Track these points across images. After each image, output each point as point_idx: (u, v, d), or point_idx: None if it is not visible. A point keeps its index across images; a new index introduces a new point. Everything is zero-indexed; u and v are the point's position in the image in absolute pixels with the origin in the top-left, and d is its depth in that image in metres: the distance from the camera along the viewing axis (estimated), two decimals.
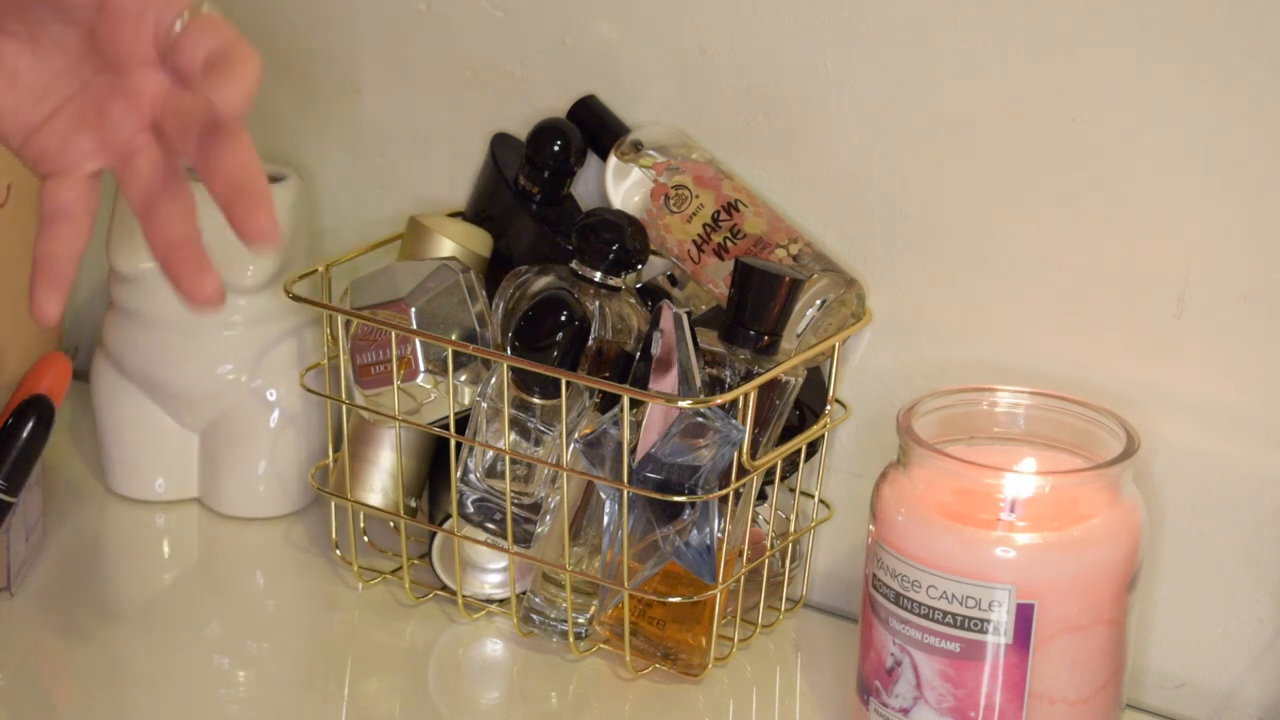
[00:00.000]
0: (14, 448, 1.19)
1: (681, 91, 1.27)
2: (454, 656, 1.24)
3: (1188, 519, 1.17)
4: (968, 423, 1.14)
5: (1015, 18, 1.15)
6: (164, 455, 1.37)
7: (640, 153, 1.25)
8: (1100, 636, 1.07)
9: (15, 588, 1.27)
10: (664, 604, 1.19)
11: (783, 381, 1.18)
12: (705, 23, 1.25)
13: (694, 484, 1.15)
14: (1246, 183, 1.11)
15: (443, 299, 1.22)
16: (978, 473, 1.08)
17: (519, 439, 1.21)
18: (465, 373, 1.22)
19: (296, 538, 1.36)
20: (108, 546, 1.35)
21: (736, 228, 1.22)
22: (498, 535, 1.23)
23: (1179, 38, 1.10)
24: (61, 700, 1.21)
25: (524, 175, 1.28)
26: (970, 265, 1.20)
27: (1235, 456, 1.14)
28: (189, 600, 1.31)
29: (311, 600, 1.31)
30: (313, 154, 1.43)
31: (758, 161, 1.25)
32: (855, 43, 1.20)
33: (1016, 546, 1.06)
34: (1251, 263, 1.12)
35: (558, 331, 1.17)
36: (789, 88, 1.23)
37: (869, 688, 1.11)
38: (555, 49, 1.31)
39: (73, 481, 1.41)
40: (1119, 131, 1.14)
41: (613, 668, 1.22)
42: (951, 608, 1.06)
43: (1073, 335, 1.18)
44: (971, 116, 1.18)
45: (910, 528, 1.08)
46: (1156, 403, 1.15)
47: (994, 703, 1.07)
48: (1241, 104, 1.10)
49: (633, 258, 1.21)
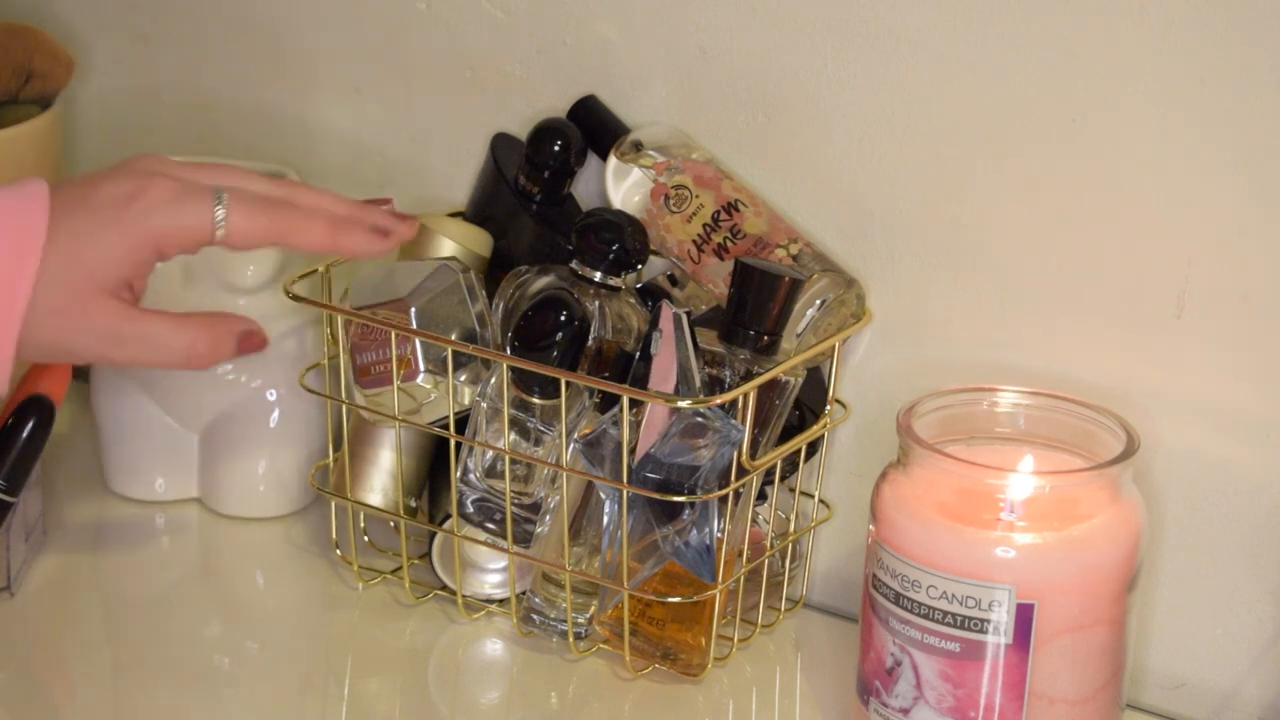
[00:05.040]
0: (14, 448, 1.19)
1: (681, 91, 1.27)
2: (454, 656, 1.24)
3: (1188, 519, 1.17)
4: (968, 423, 1.14)
5: (1015, 18, 1.15)
6: (164, 455, 1.37)
7: (640, 153, 1.25)
8: (1100, 636, 1.07)
9: (15, 588, 1.27)
10: (664, 604, 1.19)
11: (782, 381, 1.18)
12: (705, 23, 1.25)
13: (694, 484, 1.15)
14: (1246, 183, 1.11)
15: (443, 299, 1.22)
16: (978, 473, 1.08)
17: (519, 439, 1.20)
18: (465, 373, 1.22)
19: (296, 538, 1.36)
20: (108, 546, 1.35)
21: (736, 228, 1.22)
22: (498, 535, 1.23)
23: (1179, 38, 1.10)
24: (61, 700, 1.21)
25: (524, 175, 1.28)
26: (970, 265, 1.20)
27: (1235, 456, 1.14)
28: (189, 600, 1.31)
29: (311, 600, 1.31)
30: (313, 154, 1.43)
31: (758, 161, 1.25)
32: (855, 43, 1.20)
33: (1016, 546, 1.06)
34: (1251, 263, 1.12)
35: (557, 331, 1.17)
36: (789, 88, 1.23)
37: (869, 688, 1.11)
38: (555, 49, 1.31)
39: (73, 481, 1.41)
40: (1119, 131, 1.14)
41: (613, 668, 1.22)
42: (951, 608, 1.06)
43: (1073, 335, 1.18)
44: (971, 116, 1.18)
45: (910, 528, 1.08)
46: (1156, 403, 1.15)
47: (994, 703, 1.07)
48: (1241, 104, 1.10)
49: (633, 258, 1.21)
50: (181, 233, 1.09)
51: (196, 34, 1.46)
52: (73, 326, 1.08)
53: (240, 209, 1.10)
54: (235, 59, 1.45)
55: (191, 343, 1.11)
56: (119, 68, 1.50)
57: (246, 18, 1.43)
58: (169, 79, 1.48)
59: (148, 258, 1.09)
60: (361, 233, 1.14)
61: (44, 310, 1.07)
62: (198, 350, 1.11)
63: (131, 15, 1.48)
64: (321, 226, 1.13)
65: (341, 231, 1.13)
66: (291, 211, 1.12)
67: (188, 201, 1.09)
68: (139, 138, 1.49)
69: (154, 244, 1.09)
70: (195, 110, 1.48)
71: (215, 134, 1.47)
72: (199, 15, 1.45)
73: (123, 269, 1.09)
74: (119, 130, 1.51)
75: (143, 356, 1.11)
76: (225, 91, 1.46)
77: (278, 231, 1.11)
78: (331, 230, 1.13)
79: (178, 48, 1.47)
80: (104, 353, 1.10)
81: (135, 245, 1.09)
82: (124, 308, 1.09)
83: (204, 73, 1.46)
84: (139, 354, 1.10)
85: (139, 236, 1.09)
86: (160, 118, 1.50)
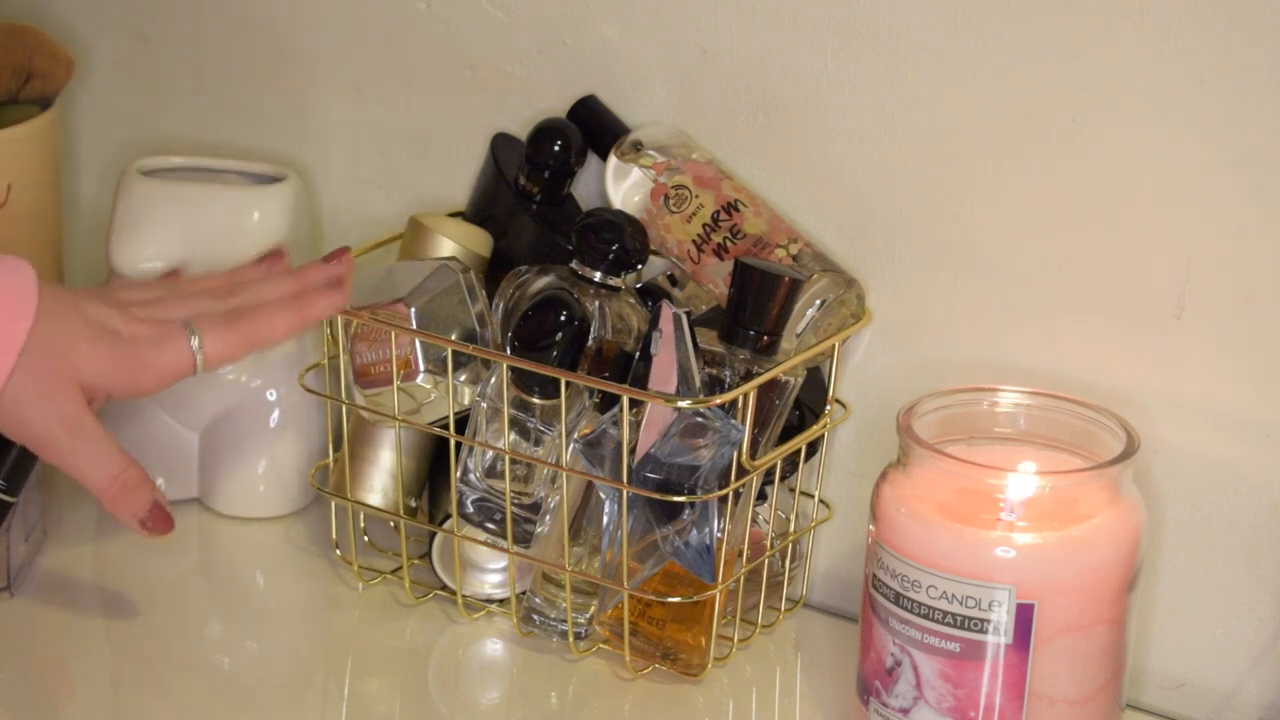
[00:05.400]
0: (14, 448, 1.19)
1: (681, 91, 1.27)
2: (454, 656, 1.24)
3: (1188, 519, 1.17)
4: (968, 423, 1.14)
5: (1015, 18, 1.15)
6: (164, 455, 1.37)
7: (640, 153, 1.25)
8: (1100, 636, 1.07)
9: (15, 588, 1.27)
10: (664, 604, 1.19)
11: (782, 381, 1.18)
12: (705, 23, 1.25)
13: (694, 484, 1.15)
14: (1246, 183, 1.11)
15: (443, 299, 1.22)
16: (978, 473, 1.08)
17: (519, 439, 1.20)
18: (465, 373, 1.22)
19: (296, 538, 1.36)
20: (108, 546, 1.35)
21: (736, 228, 1.22)
22: (498, 535, 1.23)
23: (1179, 38, 1.10)
24: (61, 700, 1.21)
25: (524, 175, 1.28)
26: (970, 265, 1.20)
27: (1235, 456, 1.14)
28: (189, 600, 1.31)
29: (311, 600, 1.31)
30: (313, 154, 1.43)
31: (758, 161, 1.25)
32: (855, 43, 1.20)
33: (1016, 546, 1.06)
34: (1251, 263, 1.12)
35: (557, 331, 1.17)
36: (789, 88, 1.23)
37: (869, 688, 1.11)
38: (555, 49, 1.31)
39: (73, 482, 1.40)
40: (1119, 132, 1.14)
41: (612, 668, 1.22)
42: (951, 608, 1.06)
43: (1073, 335, 1.18)
44: (971, 116, 1.18)
45: (910, 528, 1.08)
46: (1156, 403, 1.15)
47: (994, 703, 1.07)
48: (1241, 104, 1.10)
49: (633, 258, 1.21)
50: (163, 372, 1.16)
51: (196, 34, 1.46)
52: (40, 396, 1.13)
53: (212, 336, 1.17)
54: (235, 59, 1.45)
55: (121, 473, 1.16)
56: (119, 68, 1.50)
57: (246, 18, 1.43)
58: (169, 79, 1.48)
59: (120, 387, 1.16)
60: (321, 297, 1.21)
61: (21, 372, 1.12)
62: (122, 481, 1.16)
63: (131, 15, 1.48)
64: (284, 317, 1.20)
65: (304, 308, 1.20)
66: (253, 318, 1.19)
67: (167, 344, 1.16)
68: (139, 138, 1.49)
69: (133, 376, 1.16)
70: (195, 110, 1.48)
71: (215, 134, 1.47)
72: (199, 15, 1.45)
73: (101, 380, 1.15)
74: (119, 130, 1.51)
75: (80, 459, 1.16)
76: (225, 91, 1.46)
77: (248, 344, 1.19)
78: (294, 314, 1.20)
79: (178, 48, 1.47)
80: (54, 437, 1.15)
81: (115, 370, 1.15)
82: (87, 406, 1.15)
83: (204, 73, 1.46)
84: (80, 454, 1.15)
85: (121, 365, 1.15)
86: (160, 118, 1.50)
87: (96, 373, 1.14)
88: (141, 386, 1.16)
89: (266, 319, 1.20)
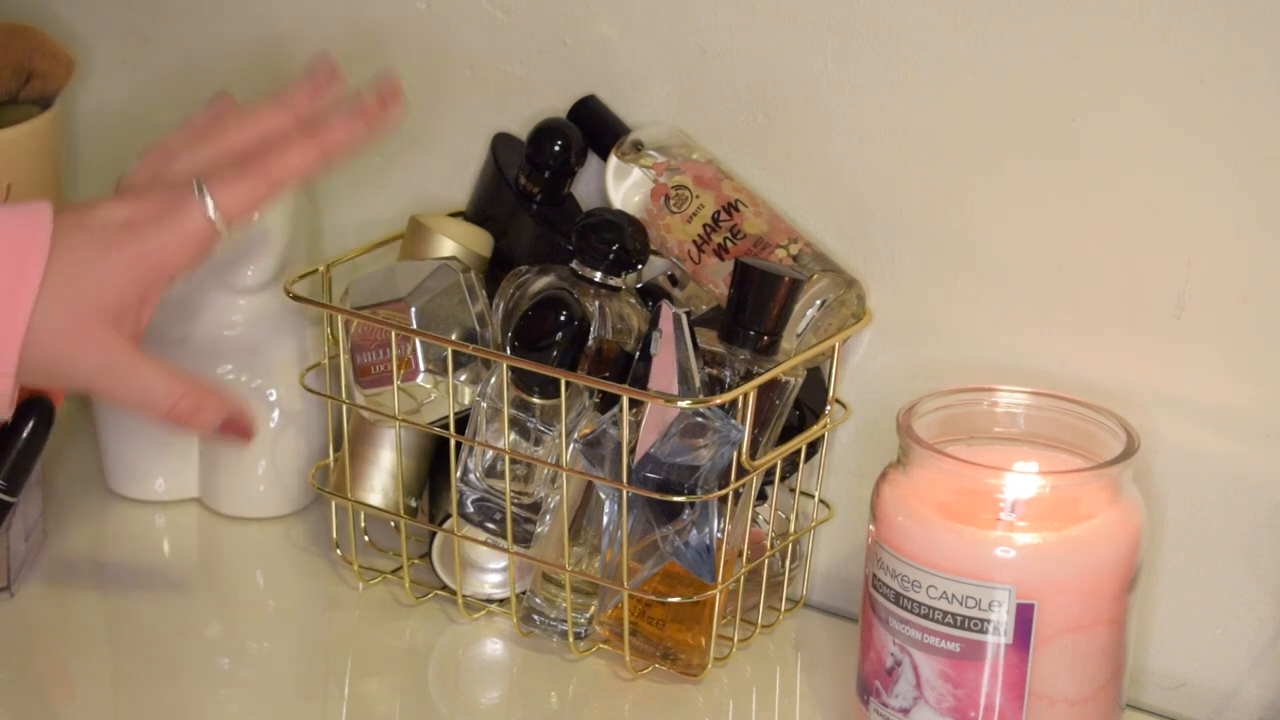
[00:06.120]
0: (14, 448, 1.19)
1: (681, 91, 1.27)
2: (454, 656, 1.24)
3: (1188, 519, 1.17)
4: (968, 423, 1.14)
5: (1015, 18, 1.15)
6: (164, 455, 1.37)
7: (640, 153, 1.25)
8: (1100, 636, 1.07)
9: (15, 588, 1.27)
10: (664, 604, 1.19)
11: (782, 381, 1.18)
12: (705, 23, 1.25)
13: (693, 484, 1.15)
14: (1246, 184, 1.11)
15: (443, 299, 1.22)
16: (978, 473, 1.08)
17: (519, 439, 1.21)
18: (465, 373, 1.22)
19: (296, 538, 1.36)
20: (108, 546, 1.35)
21: (736, 228, 1.22)
22: (498, 535, 1.23)
23: (1179, 38, 1.10)
24: (61, 700, 1.21)
25: (524, 175, 1.28)
26: (970, 265, 1.20)
27: (1235, 456, 1.14)
28: (189, 600, 1.31)
29: (311, 600, 1.31)
30: None
31: (758, 161, 1.25)
32: (855, 43, 1.20)
33: (1016, 546, 1.06)
34: (1251, 263, 1.12)
35: (557, 331, 1.17)
36: (789, 88, 1.23)
37: (869, 688, 1.11)
38: (555, 49, 1.31)
39: (73, 481, 1.41)
40: (1118, 132, 1.14)
41: (612, 668, 1.22)
42: (951, 608, 1.06)
43: (1073, 335, 1.18)
44: (971, 117, 1.18)
45: (910, 528, 1.08)
46: (1156, 403, 1.15)
47: (994, 703, 1.07)
48: (1241, 104, 1.10)
49: (633, 258, 1.21)
50: (184, 245, 1.09)
51: (196, 34, 1.46)
52: (70, 352, 1.08)
53: (222, 190, 1.08)
54: (235, 59, 1.45)
55: (177, 400, 1.11)
56: (119, 68, 1.50)
57: (246, 18, 1.43)
58: (169, 79, 1.48)
59: (154, 281, 1.09)
60: (338, 124, 1.11)
61: (42, 332, 1.07)
62: (180, 408, 1.11)
63: (131, 15, 1.48)
64: (299, 149, 1.09)
65: (321, 136, 1.10)
66: (265, 157, 1.09)
67: (178, 218, 1.08)
68: (139, 138, 1.49)
69: (158, 267, 1.09)
70: (195, 110, 1.47)
71: None
72: (199, 15, 1.45)
73: (125, 296, 1.08)
74: (119, 130, 1.51)
75: (128, 397, 1.10)
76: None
77: (264, 189, 1.09)
78: (311, 145, 1.09)
79: (178, 48, 1.47)
80: (94, 384, 1.10)
81: (139, 272, 1.08)
82: (122, 344, 1.09)
83: (204, 73, 1.46)
84: (125, 393, 1.10)
85: (141, 262, 1.08)
86: (160, 118, 1.49)
87: (119, 294, 1.07)
88: (172, 272, 1.09)
89: (281, 156, 1.09)
